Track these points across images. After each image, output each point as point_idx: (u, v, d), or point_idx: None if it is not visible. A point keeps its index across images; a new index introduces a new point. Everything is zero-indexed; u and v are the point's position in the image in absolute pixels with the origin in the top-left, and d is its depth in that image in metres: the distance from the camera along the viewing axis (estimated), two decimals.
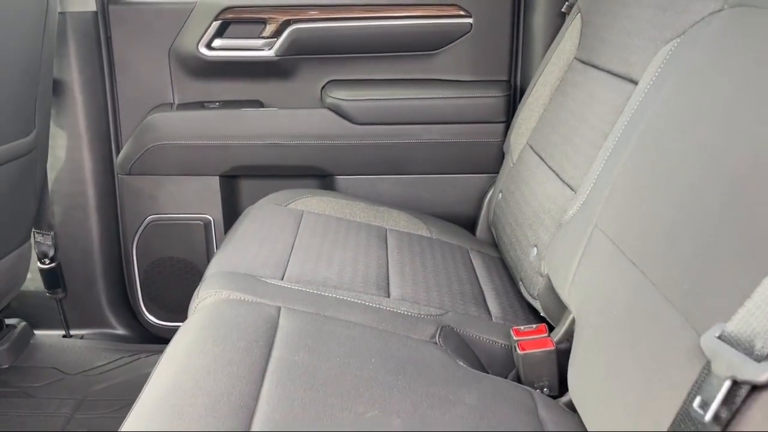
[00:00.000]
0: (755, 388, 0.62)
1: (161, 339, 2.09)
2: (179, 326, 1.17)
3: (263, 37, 2.01)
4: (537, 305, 1.38)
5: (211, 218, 2.12)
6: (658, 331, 0.81)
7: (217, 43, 2.01)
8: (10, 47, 1.57)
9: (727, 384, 0.64)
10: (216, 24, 1.99)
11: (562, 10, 1.86)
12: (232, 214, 2.12)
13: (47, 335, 2.16)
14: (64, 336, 2.18)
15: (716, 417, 0.65)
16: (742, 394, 0.63)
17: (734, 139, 0.84)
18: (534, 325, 1.30)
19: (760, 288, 0.64)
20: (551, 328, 1.30)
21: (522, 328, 1.30)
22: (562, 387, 1.24)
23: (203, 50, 2.01)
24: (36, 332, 2.14)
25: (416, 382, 1.07)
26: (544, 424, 1.06)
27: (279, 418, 0.91)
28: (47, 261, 2.09)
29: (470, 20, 2.01)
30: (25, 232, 1.91)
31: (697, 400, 0.66)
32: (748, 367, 0.62)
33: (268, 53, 2.02)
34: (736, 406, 0.63)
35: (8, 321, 2.08)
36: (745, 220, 0.73)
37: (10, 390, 1.89)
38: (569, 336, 1.17)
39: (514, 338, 1.27)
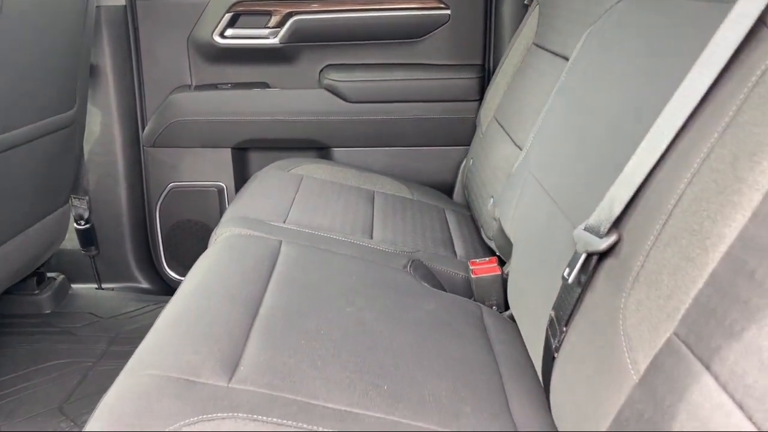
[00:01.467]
0: (601, 257, 0.90)
1: None
2: None
3: (269, 27, 2.29)
4: (492, 245, 1.66)
5: (224, 185, 2.40)
6: (555, 236, 1.09)
7: (229, 32, 2.29)
8: (58, 36, 1.85)
9: (583, 256, 0.92)
10: (228, 16, 2.26)
11: (525, 2, 2.13)
12: (242, 181, 2.39)
13: (82, 287, 2.44)
14: (96, 288, 2.47)
15: (578, 281, 0.93)
16: (592, 262, 0.91)
17: (621, 100, 1.11)
18: (487, 258, 1.58)
19: (606, 196, 0.92)
20: (504, 264, 1.58)
21: (477, 260, 1.58)
22: (508, 307, 1.52)
23: (217, 38, 2.28)
24: (72, 285, 2.43)
25: (387, 293, 1.35)
26: (487, 328, 1.34)
27: (279, 309, 1.19)
28: (82, 222, 2.37)
29: (448, 12, 2.28)
30: (65, 196, 2.20)
31: (566, 271, 0.94)
32: (595, 242, 0.89)
33: (273, 41, 2.30)
34: (589, 270, 0.91)
35: (49, 274, 2.36)
36: (612, 155, 1.01)
37: (55, 329, 2.18)
38: None
39: (470, 267, 1.55)
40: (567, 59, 1.52)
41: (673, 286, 0.75)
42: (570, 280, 0.93)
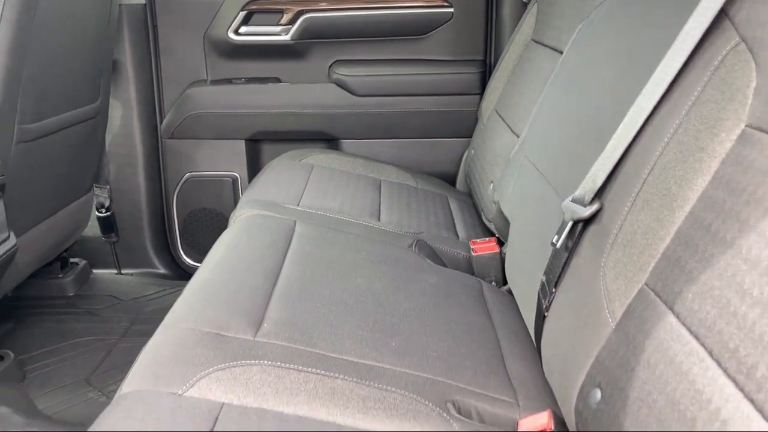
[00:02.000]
0: (585, 224, 1.01)
1: None
2: None
3: (281, 25, 2.40)
4: (492, 227, 1.76)
5: (237, 175, 2.51)
6: (546, 210, 1.20)
7: (243, 29, 2.40)
8: (86, 32, 1.96)
9: (570, 224, 1.02)
10: (242, 14, 2.37)
11: (524, 0, 2.23)
12: (255, 171, 2.50)
13: (103, 272, 2.55)
14: (116, 273, 2.58)
15: (565, 246, 1.03)
16: (578, 229, 1.02)
17: (605, 87, 1.21)
18: (487, 238, 1.69)
19: (590, 171, 1.02)
20: (503, 245, 1.68)
21: (478, 240, 1.69)
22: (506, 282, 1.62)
23: (232, 35, 2.39)
24: (94, 270, 2.54)
25: (394, 268, 1.45)
26: (486, 300, 1.45)
27: (296, 278, 1.30)
28: (103, 210, 2.49)
29: (451, 10, 2.39)
30: (89, 184, 2.31)
31: (555, 238, 1.05)
32: (580, 210, 1.00)
33: (285, 38, 2.41)
34: (575, 236, 1.02)
35: (72, 260, 2.48)
36: (596, 136, 1.11)
37: (78, 310, 2.29)
38: None
39: (471, 247, 1.66)
40: (561, 53, 1.63)
41: (644, 243, 0.86)
42: (558, 245, 1.04)
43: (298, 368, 0.99)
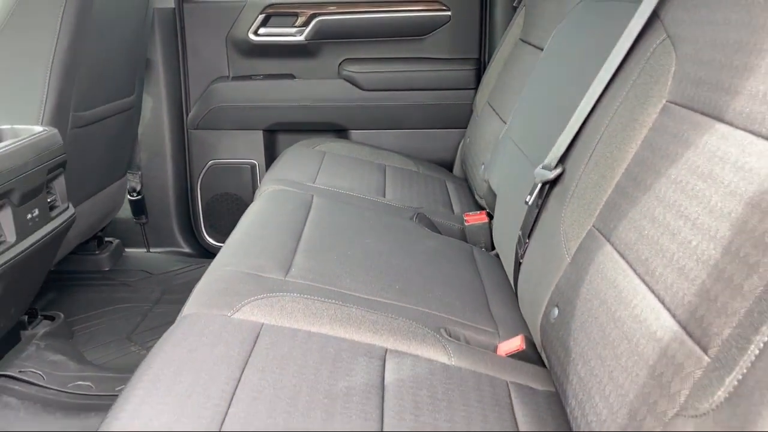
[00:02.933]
0: (551, 185, 1.24)
1: None
2: None
3: (295, 27, 2.63)
4: (482, 202, 1.99)
5: (256, 162, 2.75)
6: (523, 178, 1.43)
7: (261, 30, 2.63)
8: (126, 35, 2.20)
9: (539, 186, 1.25)
10: (261, 17, 2.61)
11: (513, 5, 2.46)
12: (272, 159, 2.73)
13: (134, 251, 2.79)
14: (146, 252, 2.82)
15: (536, 204, 1.26)
16: (545, 189, 1.25)
17: (571, 77, 1.44)
18: (479, 212, 1.92)
19: (556, 142, 1.25)
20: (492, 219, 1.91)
21: (471, 213, 1.92)
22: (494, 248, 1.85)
23: (251, 36, 2.63)
24: (126, 249, 2.77)
25: (397, 233, 1.69)
26: (476, 260, 1.67)
27: (315, 238, 1.53)
28: (135, 194, 2.72)
29: (449, 13, 2.62)
30: (123, 169, 2.55)
31: (527, 197, 1.28)
32: (547, 174, 1.23)
33: (299, 38, 2.64)
34: (543, 195, 1.25)
35: (106, 238, 2.71)
36: (563, 116, 1.34)
37: (114, 282, 2.52)
38: None
39: (464, 218, 1.89)
40: (542, 50, 1.86)
41: (593, 196, 1.09)
42: (530, 203, 1.27)
43: (320, 299, 1.22)
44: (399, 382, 1.05)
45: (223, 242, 1.55)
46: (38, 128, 1.64)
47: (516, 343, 1.23)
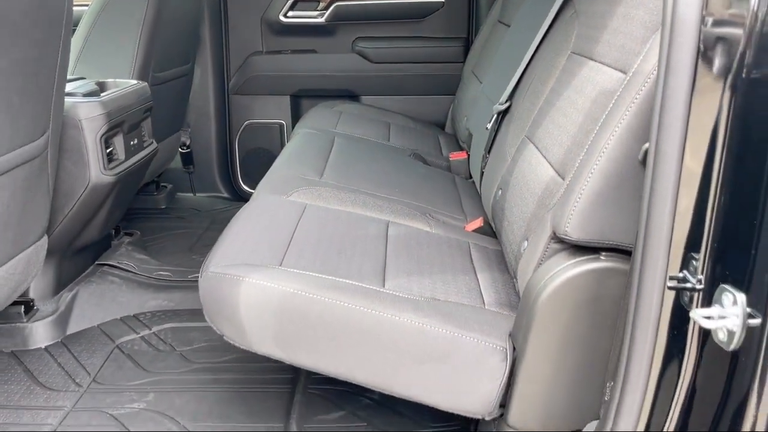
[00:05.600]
0: (503, 114, 1.76)
1: None
2: None
3: (318, 10, 3.14)
4: (464, 146, 2.51)
5: (284, 122, 3.27)
6: (487, 115, 1.95)
7: (290, 14, 3.14)
8: (187, 12, 2.72)
9: (495, 115, 1.77)
10: (290, 2, 3.12)
11: None
12: (297, 120, 3.24)
13: (184, 194, 3.32)
14: (193, 195, 3.34)
15: (494, 129, 1.78)
16: (500, 117, 1.77)
17: (522, 41, 1.95)
18: (461, 152, 2.44)
19: (508, 84, 1.77)
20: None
21: (454, 152, 2.44)
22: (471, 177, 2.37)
23: (282, 18, 3.14)
24: (177, 193, 3.30)
25: (397, 163, 2.21)
26: (455, 181, 2.19)
27: (337, 160, 2.05)
28: (185, 148, 3.24)
29: (442, 0, 3.13)
30: (178, 126, 3.07)
31: (487, 124, 1.80)
32: (500, 107, 1.75)
33: (320, 20, 3.15)
34: (498, 123, 1.77)
35: (162, 183, 3.24)
36: (515, 69, 1.86)
37: (170, 216, 3.05)
38: None
39: (449, 157, 2.41)
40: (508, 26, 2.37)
41: (526, 117, 1.61)
42: (488, 128, 1.79)
43: (348, 188, 1.75)
44: (396, 236, 1.58)
45: (254, 188, 1.99)
46: (133, 81, 2.16)
47: (478, 222, 1.76)
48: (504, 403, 1.20)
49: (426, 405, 1.23)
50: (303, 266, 1.30)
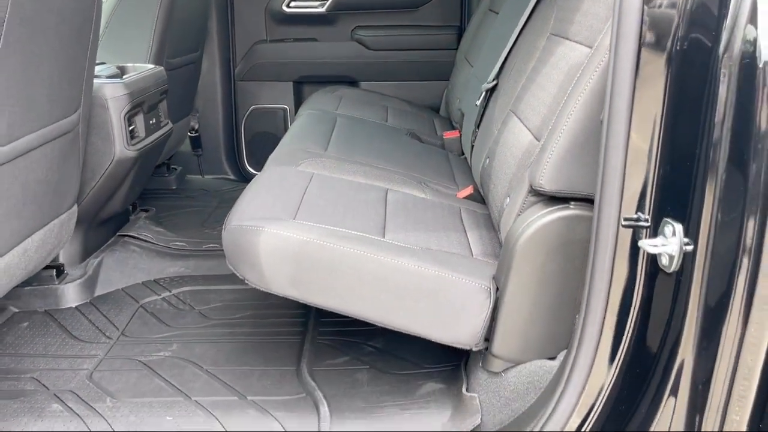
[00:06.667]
0: (491, 92, 1.93)
1: None
2: None
3: (319, 1, 3.30)
4: (457, 127, 2.68)
5: (287, 107, 3.43)
6: (477, 94, 2.12)
7: (292, 4, 3.30)
8: (199, 6, 2.88)
9: (484, 93, 1.95)
10: None
11: None
12: (299, 105, 3.41)
13: (193, 176, 3.48)
14: (201, 177, 3.51)
15: (483, 105, 1.96)
16: (488, 94, 1.94)
17: (509, 28, 2.13)
18: (454, 131, 2.61)
19: (495, 64, 1.94)
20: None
21: (448, 131, 2.61)
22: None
23: (285, 8, 3.30)
24: (186, 175, 3.46)
25: (395, 141, 2.38)
26: (449, 157, 2.37)
27: (340, 138, 2.22)
28: (193, 131, 3.41)
29: None
30: (188, 111, 3.24)
31: (477, 101, 1.97)
32: (488, 85, 1.92)
33: (321, 10, 3.31)
34: (486, 99, 1.94)
35: (172, 165, 3.40)
36: (501, 50, 2.03)
37: (180, 196, 3.21)
38: None
39: (443, 136, 2.58)
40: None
41: (512, 93, 1.78)
42: (478, 104, 1.96)
43: (350, 160, 1.92)
44: (395, 201, 1.76)
45: (259, 170, 2.15)
46: (150, 65, 2.33)
47: (468, 190, 1.93)
48: (488, 337, 1.38)
49: (422, 339, 1.41)
50: (314, 220, 1.48)
